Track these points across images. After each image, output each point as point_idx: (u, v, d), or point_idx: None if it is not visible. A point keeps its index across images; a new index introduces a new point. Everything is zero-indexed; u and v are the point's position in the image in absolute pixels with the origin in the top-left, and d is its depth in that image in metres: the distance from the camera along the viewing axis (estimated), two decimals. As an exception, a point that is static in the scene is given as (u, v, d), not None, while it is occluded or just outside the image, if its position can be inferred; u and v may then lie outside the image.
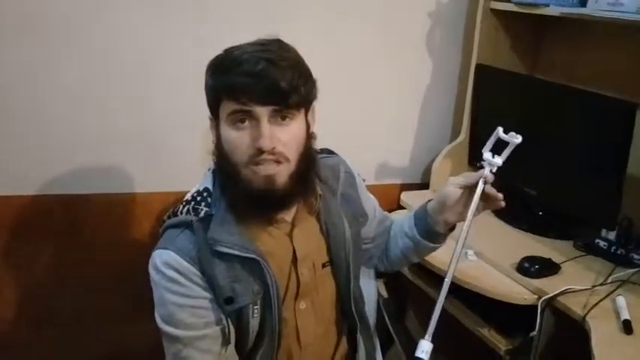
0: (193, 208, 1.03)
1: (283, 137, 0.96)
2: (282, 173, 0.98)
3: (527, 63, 1.86)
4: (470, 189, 1.11)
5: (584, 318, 1.19)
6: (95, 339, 1.62)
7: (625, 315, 1.19)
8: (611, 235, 1.48)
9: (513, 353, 1.35)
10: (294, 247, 1.07)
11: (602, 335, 1.14)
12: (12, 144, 1.45)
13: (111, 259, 1.58)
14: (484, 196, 1.09)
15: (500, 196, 1.10)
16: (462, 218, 1.11)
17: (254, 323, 1.04)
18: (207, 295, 1.00)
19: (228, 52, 0.98)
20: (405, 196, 1.86)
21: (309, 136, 1.04)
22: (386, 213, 1.35)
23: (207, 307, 1.01)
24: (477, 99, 1.80)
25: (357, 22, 1.71)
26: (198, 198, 1.04)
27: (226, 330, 1.03)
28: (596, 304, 1.22)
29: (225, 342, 1.04)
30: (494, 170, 1.09)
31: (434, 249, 1.23)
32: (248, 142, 0.96)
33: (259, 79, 0.93)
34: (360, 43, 1.72)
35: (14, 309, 1.56)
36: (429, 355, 0.91)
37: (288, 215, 1.07)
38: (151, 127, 1.55)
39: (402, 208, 1.83)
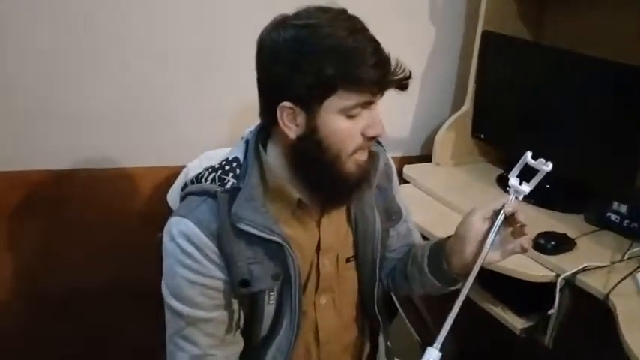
0: (219, 177, 0.94)
1: None
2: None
3: (534, 30, 1.79)
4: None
5: (607, 296, 1.16)
6: (82, 318, 1.56)
7: (648, 292, 1.16)
8: (623, 209, 1.45)
9: (530, 332, 1.32)
10: (320, 236, 1.00)
11: (629, 313, 1.11)
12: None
13: (97, 237, 1.50)
14: (508, 227, 0.95)
15: (527, 229, 0.94)
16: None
17: (269, 309, 0.97)
18: (222, 275, 0.93)
19: (334, 35, 0.86)
20: (408, 170, 1.78)
21: None
22: (413, 227, 1.19)
23: (220, 288, 0.94)
24: (482, 67, 1.73)
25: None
26: (227, 167, 0.95)
27: (235, 315, 0.96)
28: (620, 281, 1.19)
29: (232, 328, 0.97)
30: (520, 198, 0.95)
31: (441, 290, 1.04)
32: (357, 131, 0.89)
33: (388, 69, 0.87)
34: (359, 11, 1.63)
35: (1, 289, 1.47)
36: None
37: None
38: (140, 100, 1.45)
39: (405, 182, 1.76)
